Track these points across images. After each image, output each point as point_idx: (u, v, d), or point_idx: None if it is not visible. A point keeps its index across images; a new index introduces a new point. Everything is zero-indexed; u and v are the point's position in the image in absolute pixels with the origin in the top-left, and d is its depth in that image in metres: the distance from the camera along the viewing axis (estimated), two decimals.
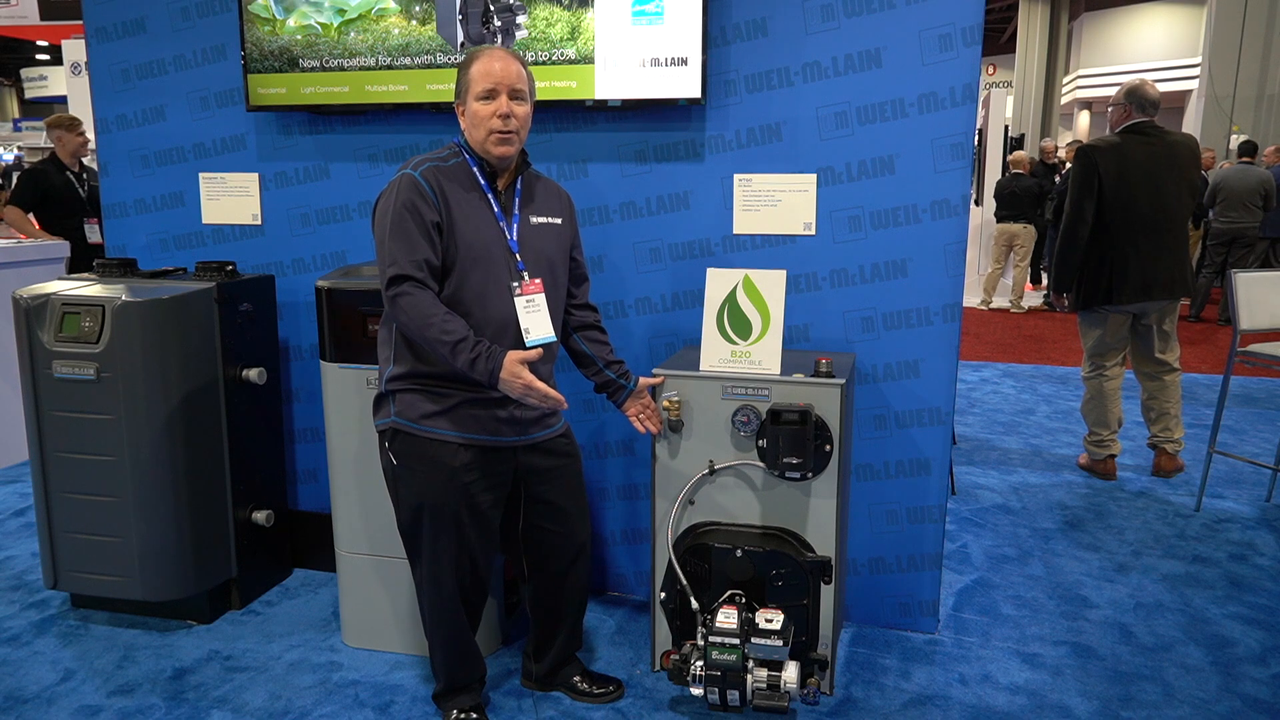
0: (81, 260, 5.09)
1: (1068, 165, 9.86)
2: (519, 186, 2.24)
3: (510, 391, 2.06)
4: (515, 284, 2.16)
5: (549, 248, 2.25)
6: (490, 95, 2.09)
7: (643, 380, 2.43)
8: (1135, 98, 4.12)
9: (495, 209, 2.17)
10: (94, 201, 5.47)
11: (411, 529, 2.26)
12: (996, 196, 9.35)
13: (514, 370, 2.03)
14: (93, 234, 5.42)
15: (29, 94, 17.52)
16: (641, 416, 2.43)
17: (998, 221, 9.36)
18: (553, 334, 2.21)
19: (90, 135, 3.94)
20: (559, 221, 2.30)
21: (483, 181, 2.17)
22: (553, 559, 2.41)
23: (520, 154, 2.23)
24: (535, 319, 2.17)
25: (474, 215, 2.13)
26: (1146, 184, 4.00)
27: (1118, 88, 4.26)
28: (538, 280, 2.19)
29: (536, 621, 2.51)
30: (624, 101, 2.71)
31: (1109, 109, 4.29)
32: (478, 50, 2.16)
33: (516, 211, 2.21)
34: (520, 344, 2.15)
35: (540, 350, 2.11)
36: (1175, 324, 4.23)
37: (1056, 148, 10.98)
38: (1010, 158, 9.79)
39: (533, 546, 2.40)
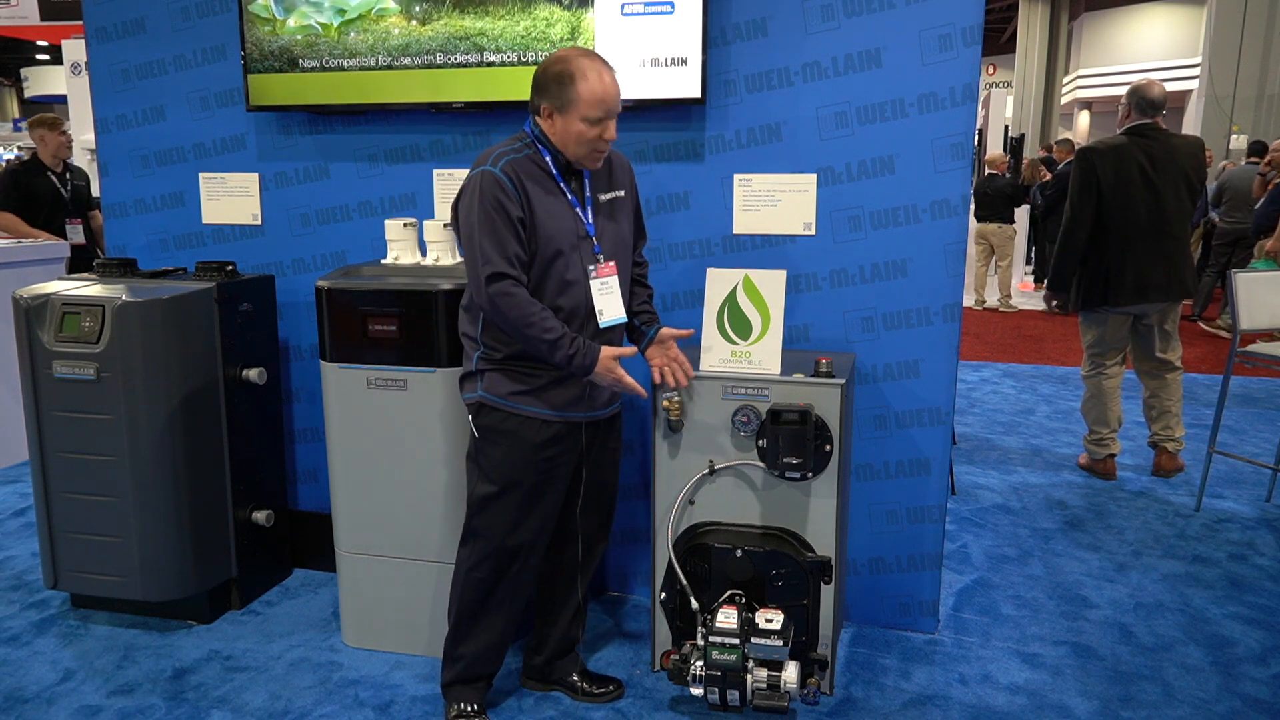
0: (68, 261, 5.09)
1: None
2: (587, 170, 2.26)
3: (601, 383, 2.20)
4: (591, 267, 2.21)
5: (619, 224, 2.31)
6: (599, 121, 2.11)
7: (666, 330, 2.38)
8: (1135, 98, 4.11)
9: (569, 196, 2.21)
10: (76, 202, 5.47)
11: (484, 501, 2.30)
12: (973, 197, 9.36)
13: (608, 366, 2.17)
14: (75, 234, 5.40)
15: (26, 93, 17.51)
16: (666, 369, 2.38)
17: (977, 221, 9.37)
18: (623, 315, 2.28)
19: (88, 135, 3.94)
20: (623, 193, 2.34)
21: (555, 171, 2.19)
22: (584, 538, 2.46)
23: None
24: (608, 301, 2.24)
25: (552, 206, 2.17)
26: (1144, 186, 3.99)
27: (1122, 87, 4.25)
28: (612, 263, 2.25)
29: (543, 606, 2.52)
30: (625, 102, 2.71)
31: (1119, 108, 4.29)
32: (579, 62, 2.09)
33: (589, 194, 2.25)
34: (596, 326, 2.23)
35: (635, 349, 2.28)
36: (1177, 324, 4.23)
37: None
38: (986, 158, 9.76)
39: (573, 523, 2.43)
